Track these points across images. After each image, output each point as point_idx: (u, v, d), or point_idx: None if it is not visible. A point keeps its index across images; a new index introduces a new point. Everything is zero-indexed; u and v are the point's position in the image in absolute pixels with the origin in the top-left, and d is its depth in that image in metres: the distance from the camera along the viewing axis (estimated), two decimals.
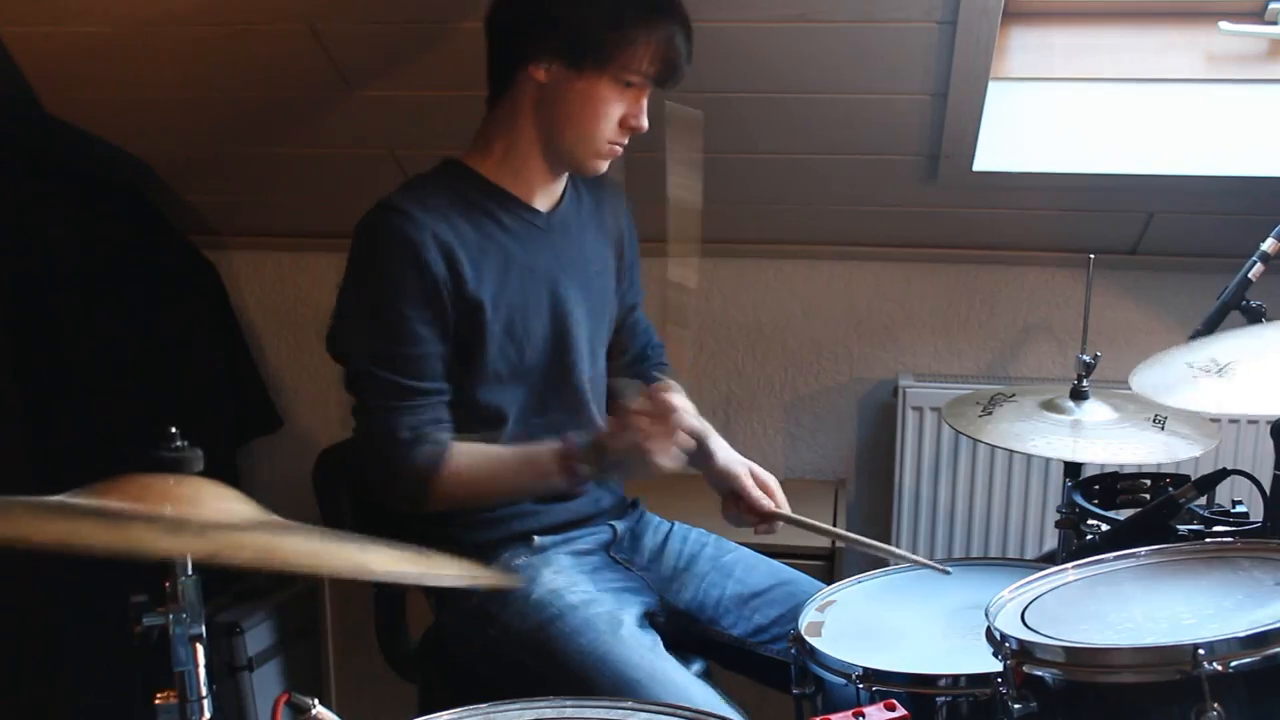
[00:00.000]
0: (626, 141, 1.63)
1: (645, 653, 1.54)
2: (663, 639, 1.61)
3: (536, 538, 1.68)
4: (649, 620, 1.67)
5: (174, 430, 0.90)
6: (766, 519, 1.72)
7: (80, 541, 0.78)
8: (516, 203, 1.66)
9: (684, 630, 1.73)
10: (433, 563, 0.95)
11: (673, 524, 1.86)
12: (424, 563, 0.93)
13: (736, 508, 1.73)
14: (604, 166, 1.65)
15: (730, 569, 1.77)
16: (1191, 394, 1.51)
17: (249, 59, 2.13)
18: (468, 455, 1.60)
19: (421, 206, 1.57)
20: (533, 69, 1.58)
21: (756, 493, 1.71)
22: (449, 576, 0.98)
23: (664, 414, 1.50)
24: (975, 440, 1.86)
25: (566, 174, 1.72)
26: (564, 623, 1.57)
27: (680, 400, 1.52)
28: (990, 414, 1.89)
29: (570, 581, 1.63)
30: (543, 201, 1.69)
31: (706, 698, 1.51)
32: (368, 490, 1.63)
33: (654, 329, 1.97)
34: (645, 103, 1.61)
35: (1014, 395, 1.96)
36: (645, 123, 1.61)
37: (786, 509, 1.72)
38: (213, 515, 0.88)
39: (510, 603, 1.61)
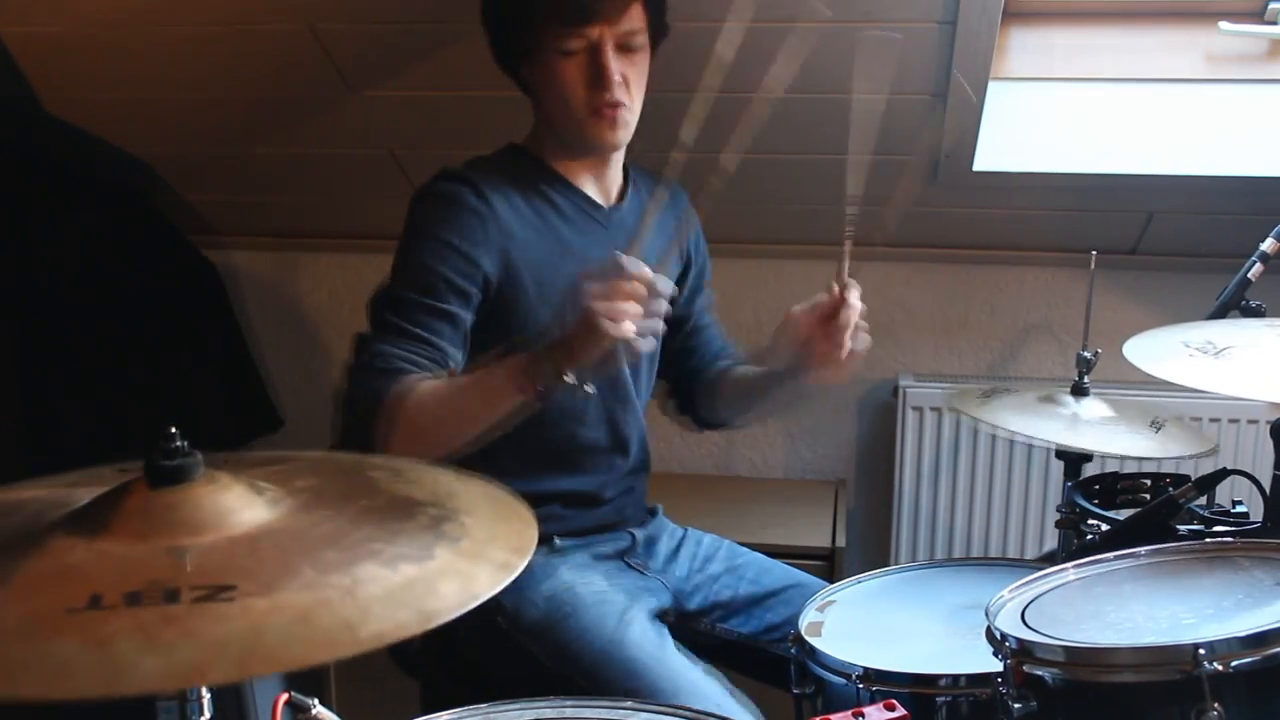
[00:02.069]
0: (616, 98, 1.57)
1: (653, 649, 1.54)
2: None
3: (557, 539, 1.68)
4: (659, 618, 1.67)
5: (174, 431, 0.89)
6: (832, 319, 1.61)
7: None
8: (577, 192, 1.67)
9: (690, 630, 1.74)
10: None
11: (686, 530, 1.86)
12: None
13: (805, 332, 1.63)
14: (613, 133, 1.61)
15: (743, 572, 1.78)
16: (1183, 368, 1.49)
17: (249, 59, 2.13)
18: (429, 383, 1.48)
19: (482, 177, 1.58)
20: (518, 72, 1.65)
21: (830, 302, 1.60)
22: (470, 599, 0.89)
23: (615, 275, 1.34)
24: (975, 420, 1.85)
25: (621, 168, 1.74)
26: (575, 617, 1.58)
27: (638, 267, 1.35)
28: (989, 401, 1.89)
29: (584, 578, 1.64)
30: (602, 195, 1.70)
31: (714, 691, 1.52)
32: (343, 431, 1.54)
33: (725, 337, 1.93)
34: (609, 56, 1.56)
35: (1015, 390, 1.95)
36: (613, 72, 1.55)
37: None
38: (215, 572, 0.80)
39: (523, 595, 1.61)
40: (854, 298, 1.59)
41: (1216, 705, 1.06)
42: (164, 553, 0.83)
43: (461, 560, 0.89)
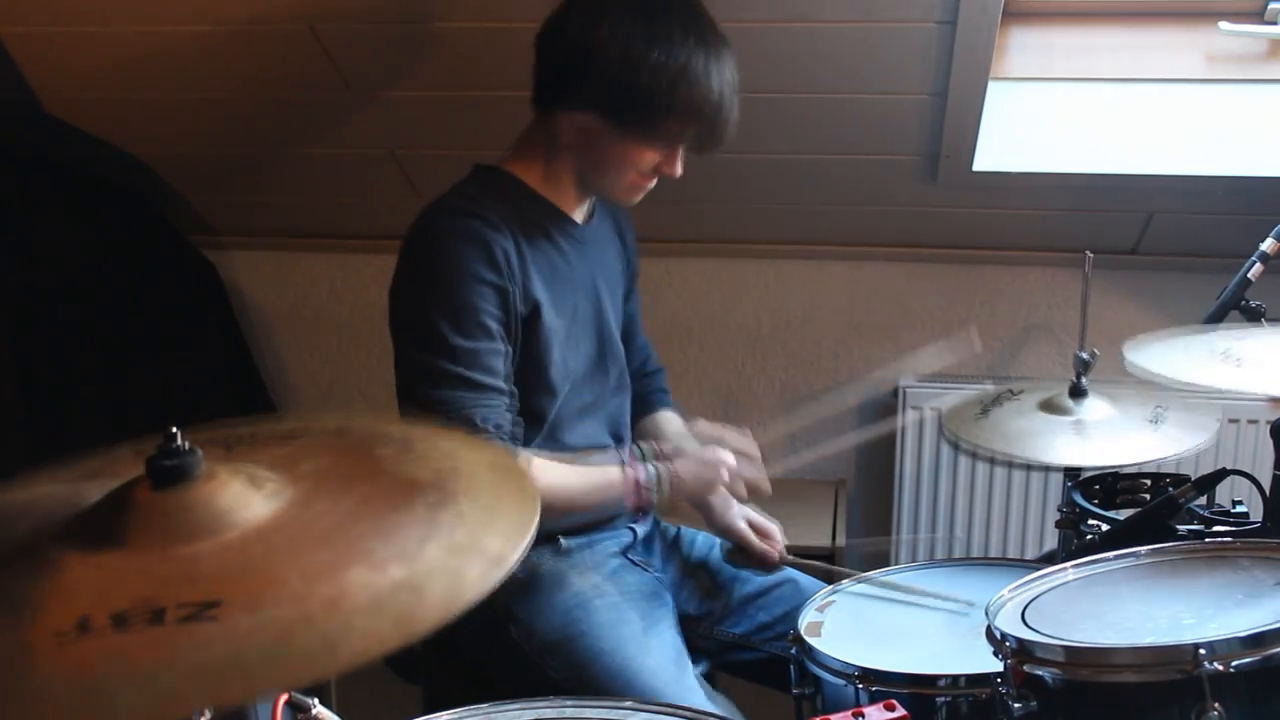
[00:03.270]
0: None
1: (671, 683, 1.53)
2: None
3: (562, 540, 1.68)
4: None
5: (174, 431, 0.89)
6: (770, 567, 1.78)
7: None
8: (559, 214, 1.66)
9: (689, 632, 1.74)
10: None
11: (679, 529, 1.87)
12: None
13: (740, 557, 1.79)
14: (637, 199, 1.67)
15: (736, 571, 1.79)
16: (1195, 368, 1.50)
17: (249, 59, 2.13)
18: (544, 465, 1.57)
19: (485, 209, 1.56)
20: (579, 115, 1.56)
21: (760, 545, 1.76)
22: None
23: (752, 457, 1.67)
24: (975, 446, 1.85)
25: None
26: (593, 637, 1.57)
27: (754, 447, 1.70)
28: (987, 415, 1.87)
29: (598, 591, 1.63)
30: (579, 214, 1.70)
31: None
32: None
33: (652, 348, 1.97)
34: (681, 152, 1.60)
35: (1020, 392, 1.93)
36: (679, 171, 1.61)
37: (784, 551, 1.80)
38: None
39: (537, 607, 1.61)
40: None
41: (1216, 705, 1.06)
42: (157, 562, 0.84)
43: (452, 557, 0.90)
